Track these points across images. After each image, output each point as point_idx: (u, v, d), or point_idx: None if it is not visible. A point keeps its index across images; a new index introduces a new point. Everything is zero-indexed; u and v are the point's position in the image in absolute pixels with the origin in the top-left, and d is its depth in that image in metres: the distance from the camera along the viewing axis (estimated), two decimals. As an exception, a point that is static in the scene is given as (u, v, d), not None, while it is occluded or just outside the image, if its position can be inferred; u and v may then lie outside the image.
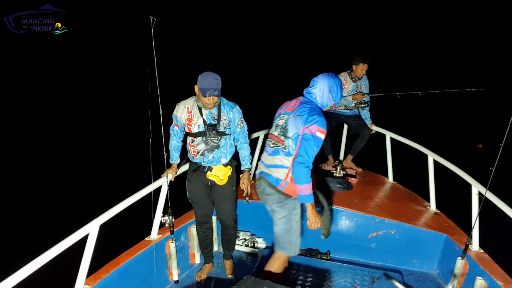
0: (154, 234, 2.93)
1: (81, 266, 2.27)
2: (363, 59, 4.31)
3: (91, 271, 2.39)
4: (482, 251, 2.96)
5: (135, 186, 2.74)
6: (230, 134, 2.86)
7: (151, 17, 2.41)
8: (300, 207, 2.61)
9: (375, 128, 4.55)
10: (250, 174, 3.01)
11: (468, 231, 2.98)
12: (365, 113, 4.60)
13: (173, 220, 2.83)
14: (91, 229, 2.27)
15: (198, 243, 3.22)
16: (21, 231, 5.11)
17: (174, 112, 2.85)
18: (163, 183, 2.86)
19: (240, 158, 3.00)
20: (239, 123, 2.85)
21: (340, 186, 4.04)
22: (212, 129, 2.75)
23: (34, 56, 13.17)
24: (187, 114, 2.78)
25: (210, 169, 2.86)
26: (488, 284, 2.62)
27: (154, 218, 2.88)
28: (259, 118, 4.03)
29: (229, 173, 2.91)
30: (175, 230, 2.91)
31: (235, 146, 2.97)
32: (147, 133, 2.64)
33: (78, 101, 11.39)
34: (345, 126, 4.86)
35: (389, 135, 4.37)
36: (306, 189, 2.32)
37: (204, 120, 2.75)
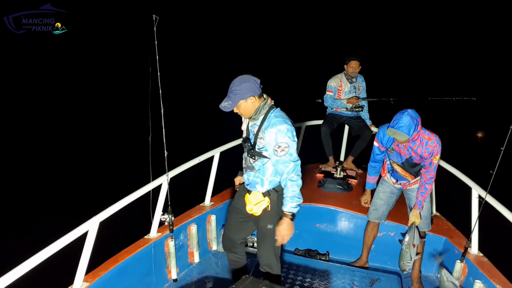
0: (154, 232, 2.93)
1: (80, 263, 2.28)
2: (351, 56, 4.34)
3: (90, 268, 2.39)
4: (481, 254, 2.96)
5: (136, 184, 2.74)
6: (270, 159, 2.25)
7: (154, 15, 2.41)
8: None
9: (375, 129, 4.55)
10: (291, 221, 2.22)
11: (467, 234, 2.98)
12: (364, 114, 4.60)
13: (172, 218, 2.82)
14: (91, 226, 2.28)
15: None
16: (21, 228, 5.12)
17: None
18: (163, 181, 2.86)
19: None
20: (275, 149, 2.13)
21: (340, 187, 4.04)
22: (245, 144, 2.31)
23: (34, 56, 13.21)
24: None
25: (249, 191, 2.41)
26: (486, 287, 2.62)
27: (153, 216, 2.88)
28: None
29: (264, 206, 2.32)
30: (174, 228, 2.90)
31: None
32: (148, 131, 2.64)
33: (77, 100, 11.42)
34: (346, 127, 4.86)
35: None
36: None
37: (247, 130, 2.34)
